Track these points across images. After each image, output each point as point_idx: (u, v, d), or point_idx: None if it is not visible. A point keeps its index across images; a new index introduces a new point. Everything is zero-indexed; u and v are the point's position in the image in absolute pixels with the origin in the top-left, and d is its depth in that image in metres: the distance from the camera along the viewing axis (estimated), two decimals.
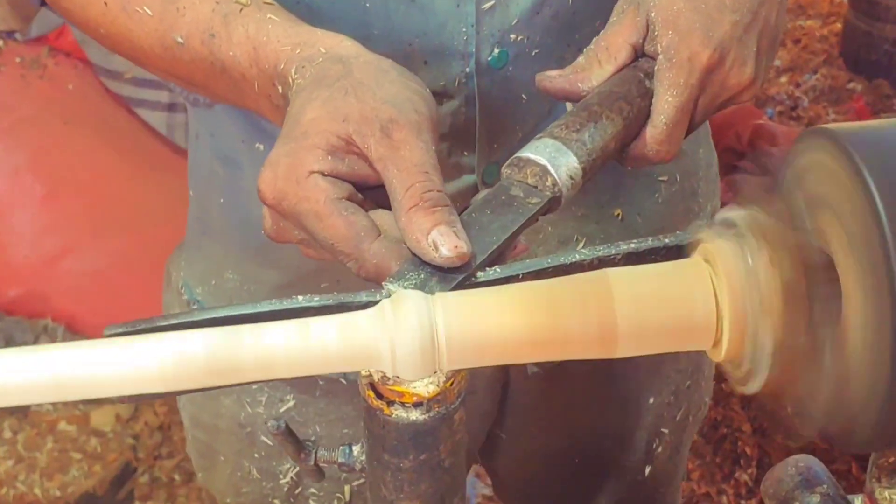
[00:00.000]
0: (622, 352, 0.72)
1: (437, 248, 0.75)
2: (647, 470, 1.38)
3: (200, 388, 0.70)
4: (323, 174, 0.78)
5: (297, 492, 1.25)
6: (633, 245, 0.78)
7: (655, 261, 0.76)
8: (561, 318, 0.70)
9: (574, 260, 0.78)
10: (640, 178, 1.16)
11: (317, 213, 0.78)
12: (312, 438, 0.85)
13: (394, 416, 0.79)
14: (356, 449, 0.85)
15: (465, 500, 0.86)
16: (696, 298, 0.71)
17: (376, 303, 0.73)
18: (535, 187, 0.84)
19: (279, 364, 0.70)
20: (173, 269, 1.28)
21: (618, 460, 1.37)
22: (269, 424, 0.81)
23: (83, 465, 2.22)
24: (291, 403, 1.20)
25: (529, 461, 1.38)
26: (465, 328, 0.70)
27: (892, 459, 1.06)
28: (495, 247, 0.79)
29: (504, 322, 0.70)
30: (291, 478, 1.24)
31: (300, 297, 0.76)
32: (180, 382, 0.69)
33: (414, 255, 0.77)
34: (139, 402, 0.73)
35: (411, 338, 0.69)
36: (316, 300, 0.75)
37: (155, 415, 2.29)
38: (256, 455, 1.25)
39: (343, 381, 1.17)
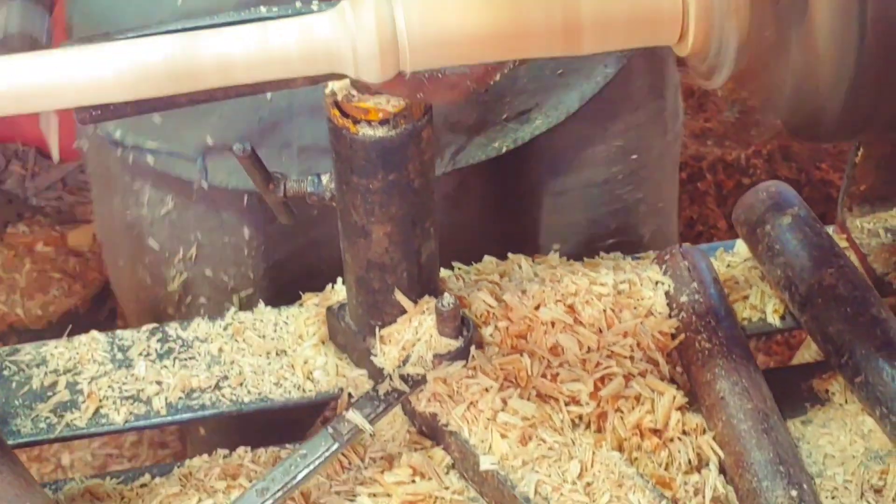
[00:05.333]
0: (587, 47, 0.70)
1: None
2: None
3: (160, 94, 0.68)
4: None
5: (187, 301, 1.21)
6: None
7: None
8: (524, 10, 0.69)
9: None
10: None
11: None
12: (278, 172, 0.84)
13: (360, 134, 0.78)
14: (325, 178, 0.85)
15: (437, 224, 0.86)
16: None
17: None
18: None
19: (238, 67, 0.68)
20: None
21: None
22: (234, 148, 0.80)
23: (63, 284, 2.21)
24: (171, 205, 1.15)
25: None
26: (426, 24, 0.69)
27: (862, 188, 1.06)
28: None
29: (466, 17, 0.69)
30: (179, 285, 1.19)
31: (262, 8, 0.74)
32: (138, 89, 0.68)
33: None
34: (104, 120, 0.70)
35: (370, 36, 0.68)
36: (275, 10, 0.74)
37: None
38: (147, 260, 1.20)
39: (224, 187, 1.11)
